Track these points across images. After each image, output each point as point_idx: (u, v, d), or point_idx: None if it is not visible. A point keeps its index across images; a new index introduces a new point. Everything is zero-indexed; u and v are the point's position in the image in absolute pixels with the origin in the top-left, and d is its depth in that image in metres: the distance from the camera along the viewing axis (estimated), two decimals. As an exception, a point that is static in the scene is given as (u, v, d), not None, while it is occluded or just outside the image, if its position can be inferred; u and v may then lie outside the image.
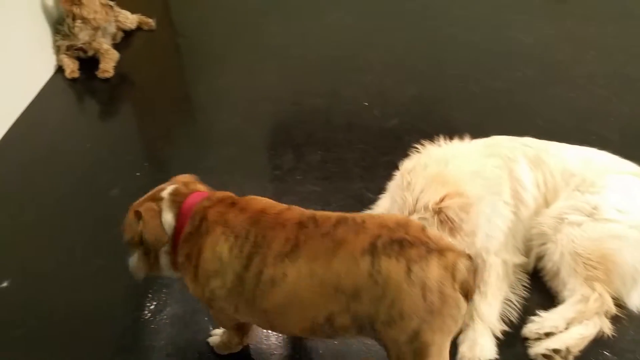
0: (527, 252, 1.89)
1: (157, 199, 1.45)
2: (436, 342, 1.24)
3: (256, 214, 1.37)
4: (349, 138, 2.60)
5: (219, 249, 1.34)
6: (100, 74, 3.14)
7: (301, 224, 1.32)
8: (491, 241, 1.81)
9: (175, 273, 1.50)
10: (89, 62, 3.25)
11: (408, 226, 1.26)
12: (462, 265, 1.23)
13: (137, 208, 1.43)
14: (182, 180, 1.54)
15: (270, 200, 1.47)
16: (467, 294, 1.25)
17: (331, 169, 2.43)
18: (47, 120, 2.87)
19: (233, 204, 1.42)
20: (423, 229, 1.28)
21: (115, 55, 3.27)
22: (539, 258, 1.86)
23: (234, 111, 2.86)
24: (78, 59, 3.24)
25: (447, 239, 1.37)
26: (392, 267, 1.20)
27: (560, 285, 1.78)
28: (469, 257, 1.26)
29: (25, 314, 1.87)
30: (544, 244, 1.83)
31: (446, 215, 1.62)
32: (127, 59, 3.35)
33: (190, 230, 1.39)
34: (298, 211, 1.39)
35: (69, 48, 3.22)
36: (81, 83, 3.16)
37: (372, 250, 1.22)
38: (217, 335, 1.71)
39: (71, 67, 3.17)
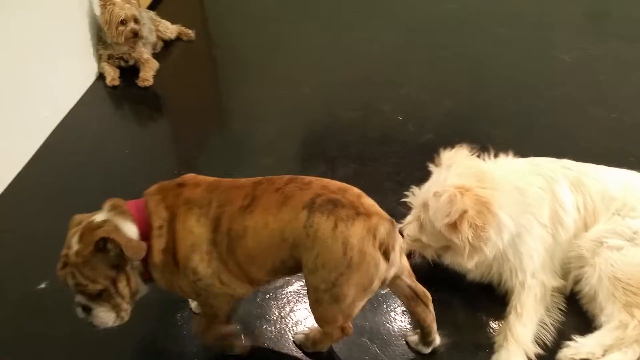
0: (564, 275, 1.85)
1: (98, 225, 1.41)
2: (351, 295, 1.40)
3: (211, 184, 1.49)
4: (383, 152, 2.60)
5: (189, 223, 1.41)
6: (140, 83, 3.21)
7: (257, 182, 1.46)
8: (529, 262, 1.78)
9: (146, 284, 1.50)
10: (129, 71, 3.33)
11: (346, 191, 1.42)
12: (383, 228, 1.37)
13: (93, 238, 1.36)
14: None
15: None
16: (386, 254, 1.39)
17: (364, 183, 2.39)
18: (87, 126, 2.95)
19: (181, 184, 1.49)
20: (359, 195, 1.44)
21: (155, 64, 3.34)
22: (576, 281, 1.82)
23: (269, 122, 2.89)
24: (119, 67, 3.32)
25: (378, 208, 1.46)
26: (322, 222, 1.34)
27: (598, 310, 1.73)
28: (392, 222, 1.41)
29: (61, 315, 1.90)
30: (582, 267, 1.79)
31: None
32: (166, 68, 3.42)
33: (160, 224, 1.43)
34: (248, 178, 1.51)
35: (110, 57, 3.31)
36: (121, 90, 3.23)
37: (311, 205, 1.36)
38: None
39: (112, 75, 3.25)
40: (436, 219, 1.71)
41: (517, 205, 1.74)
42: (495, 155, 1.92)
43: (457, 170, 1.76)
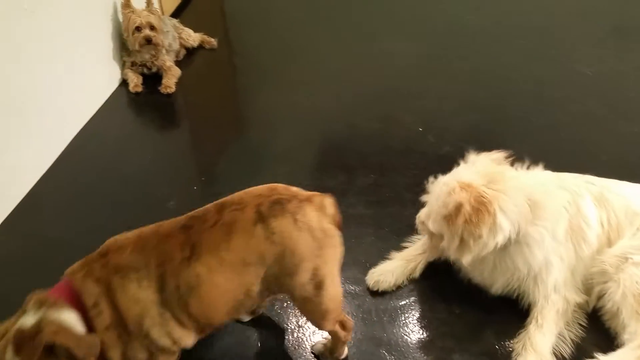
0: (587, 291, 1.83)
1: (35, 330, 1.21)
2: (330, 271, 1.46)
3: (137, 243, 1.38)
4: (403, 162, 2.59)
5: (131, 291, 1.32)
6: (163, 90, 3.24)
7: (186, 227, 1.39)
8: (547, 275, 1.77)
9: None
10: (152, 78, 3.37)
11: (276, 188, 1.44)
12: (328, 203, 1.45)
13: (35, 348, 1.18)
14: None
15: (129, 233, 1.44)
16: (338, 225, 1.47)
17: (384, 193, 2.42)
18: (110, 131, 2.98)
19: (104, 253, 1.38)
20: (287, 187, 1.47)
21: (177, 71, 3.38)
22: (599, 297, 1.80)
23: (288, 130, 2.90)
24: (142, 74, 3.37)
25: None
26: (281, 224, 1.36)
27: (620, 327, 1.71)
28: (330, 195, 1.48)
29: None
30: (605, 282, 1.76)
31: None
32: (188, 75, 3.46)
33: (94, 301, 1.30)
34: (169, 222, 1.43)
35: (133, 64, 3.35)
36: (143, 97, 3.27)
37: (260, 217, 1.36)
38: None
39: (135, 82, 3.30)
40: (436, 207, 1.73)
41: (523, 214, 1.70)
42: (528, 167, 1.90)
43: (474, 168, 1.76)
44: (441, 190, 1.73)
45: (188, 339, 1.43)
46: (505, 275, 1.81)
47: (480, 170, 1.74)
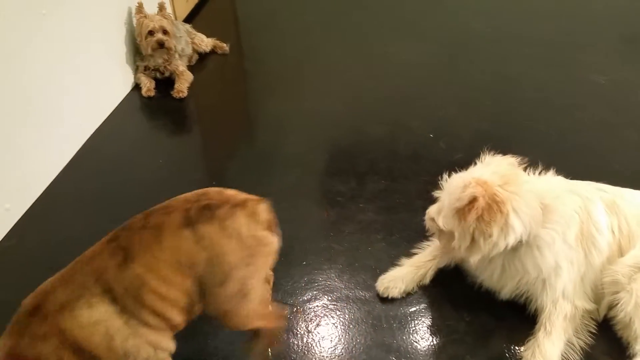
0: (597, 300, 1.82)
1: None
2: (258, 281, 1.45)
3: (62, 278, 1.32)
4: (414, 169, 2.59)
5: (84, 317, 1.25)
6: (175, 94, 3.27)
7: (112, 239, 1.37)
8: (557, 279, 1.76)
9: None
10: (164, 82, 3.40)
11: (208, 193, 1.43)
12: (261, 208, 1.44)
13: None
14: None
15: (49, 279, 1.36)
16: (272, 229, 1.47)
17: (394, 199, 2.42)
18: (122, 135, 3.01)
19: (37, 306, 1.27)
20: (220, 191, 1.45)
21: (190, 76, 3.41)
22: (611, 307, 1.79)
23: (298, 135, 2.91)
24: (155, 78, 3.39)
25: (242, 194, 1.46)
26: (209, 230, 1.34)
27: (632, 338, 1.70)
28: (263, 199, 1.47)
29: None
30: (616, 292, 1.75)
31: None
32: (200, 80, 3.48)
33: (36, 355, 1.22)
34: (92, 247, 1.37)
35: (146, 68, 3.38)
36: (156, 101, 3.30)
37: (189, 222, 1.34)
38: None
39: (147, 86, 3.32)
40: (449, 201, 1.72)
41: (535, 216, 1.70)
42: (540, 173, 1.90)
43: (489, 168, 1.75)
44: (456, 185, 1.71)
45: (166, 340, 1.39)
46: (514, 279, 1.80)
47: (496, 171, 1.72)
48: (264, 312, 1.56)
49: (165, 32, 3.25)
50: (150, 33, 3.22)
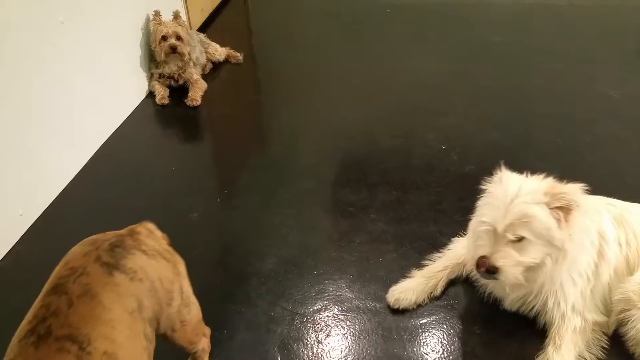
0: (607, 312, 1.81)
1: None
2: (188, 286, 1.47)
3: None
4: (426, 180, 2.59)
5: None
6: (189, 102, 3.30)
7: (43, 335, 1.10)
8: (571, 290, 1.74)
9: None
10: (178, 90, 3.43)
11: (95, 240, 1.32)
12: (152, 227, 1.44)
13: None
14: None
15: None
16: (167, 242, 1.47)
17: (406, 210, 2.42)
18: (135, 142, 3.03)
19: None
20: (104, 234, 1.36)
21: (203, 85, 3.43)
22: (622, 324, 1.77)
23: (311, 145, 2.92)
24: (169, 86, 3.43)
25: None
26: (135, 260, 1.29)
27: (644, 354, 1.69)
28: (147, 222, 1.46)
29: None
30: (628, 310, 1.73)
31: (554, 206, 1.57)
32: (214, 89, 3.51)
33: None
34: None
35: (160, 76, 3.41)
36: (169, 109, 3.33)
37: (110, 267, 1.24)
38: None
39: (161, 94, 3.36)
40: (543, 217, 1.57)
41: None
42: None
43: (530, 181, 1.68)
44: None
45: None
46: (526, 288, 1.79)
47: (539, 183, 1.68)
48: (202, 324, 1.59)
49: (178, 37, 3.29)
50: (164, 38, 3.26)
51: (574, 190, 1.61)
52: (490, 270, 1.60)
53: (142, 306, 1.26)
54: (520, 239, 1.59)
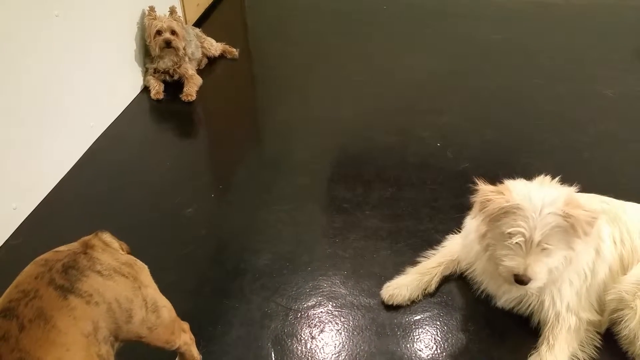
0: (601, 311, 1.81)
1: None
2: (154, 290, 1.43)
3: None
4: (421, 177, 2.59)
5: None
6: (184, 97, 3.29)
7: None
8: (567, 290, 1.75)
9: None
10: (173, 85, 3.42)
11: (47, 260, 1.28)
12: (107, 237, 1.41)
13: None
14: None
15: None
16: (128, 251, 1.47)
17: (400, 207, 2.42)
18: (130, 137, 3.02)
19: None
20: (57, 251, 1.32)
21: (199, 80, 3.43)
22: (615, 323, 1.78)
23: (306, 142, 2.92)
24: (164, 81, 3.42)
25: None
26: (90, 283, 1.25)
27: (637, 352, 1.69)
28: (103, 230, 1.43)
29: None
30: (621, 309, 1.74)
31: (571, 221, 1.56)
32: (209, 84, 3.50)
33: None
34: None
35: (155, 71, 3.40)
36: (164, 104, 3.32)
37: (64, 290, 1.21)
38: None
39: (156, 89, 3.34)
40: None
41: None
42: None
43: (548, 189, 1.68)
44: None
45: None
46: (521, 290, 1.79)
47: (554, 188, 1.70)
48: (177, 319, 1.55)
49: (173, 32, 3.28)
50: (159, 33, 3.25)
51: (593, 203, 1.66)
52: (522, 280, 1.61)
53: (98, 328, 1.24)
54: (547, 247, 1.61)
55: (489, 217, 1.67)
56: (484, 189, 1.72)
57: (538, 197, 1.60)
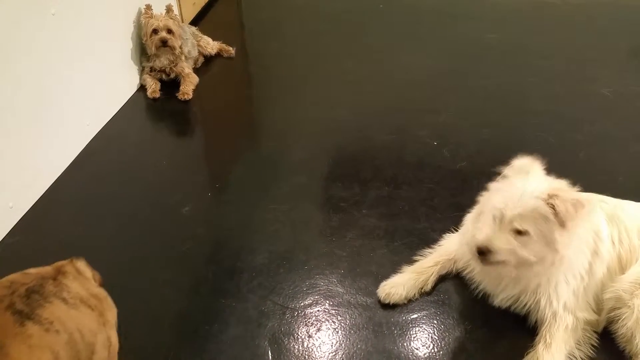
0: (598, 310, 1.82)
1: None
2: (115, 335, 1.36)
3: None
4: (418, 176, 2.59)
5: None
6: (180, 96, 3.28)
7: None
8: (564, 289, 1.75)
9: None
10: (170, 84, 3.41)
11: (13, 281, 1.22)
12: (82, 266, 1.36)
13: None
14: None
15: None
16: (100, 283, 1.42)
17: (397, 206, 2.42)
18: (126, 136, 3.01)
19: None
20: (25, 273, 1.27)
21: (195, 79, 3.42)
22: (612, 322, 1.78)
23: (303, 141, 2.91)
24: (160, 80, 3.40)
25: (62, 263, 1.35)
26: (53, 310, 1.19)
27: (633, 352, 1.69)
28: (78, 258, 1.38)
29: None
30: (618, 308, 1.75)
31: (555, 204, 1.55)
32: (205, 83, 3.49)
33: None
34: None
35: (152, 69, 3.39)
36: (161, 103, 3.31)
37: (23, 316, 1.15)
38: None
39: (153, 87, 3.33)
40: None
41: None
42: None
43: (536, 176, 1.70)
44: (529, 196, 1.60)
45: None
46: (517, 287, 1.80)
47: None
48: None
49: (169, 31, 3.26)
50: (155, 31, 3.24)
51: (587, 198, 1.62)
52: (482, 251, 1.61)
53: (59, 359, 1.17)
54: (523, 233, 1.59)
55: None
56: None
57: (534, 181, 1.62)
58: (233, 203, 2.48)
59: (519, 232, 1.59)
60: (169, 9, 3.31)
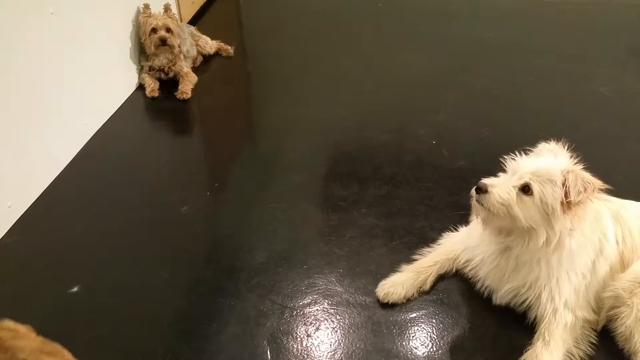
0: (598, 309, 1.82)
1: None
2: None
3: None
4: (416, 175, 2.59)
5: None
6: (179, 95, 3.28)
7: None
8: (565, 286, 1.75)
9: None
10: (168, 83, 3.41)
11: None
12: (12, 324, 1.26)
13: None
14: None
15: None
16: (32, 330, 1.30)
17: (396, 205, 2.42)
18: (125, 135, 3.01)
19: None
20: None
21: (194, 78, 3.42)
22: (611, 320, 1.78)
23: (302, 140, 2.91)
24: (159, 79, 3.40)
25: None
26: None
27: (632, 351, 1.69)
28: (2, 320, 1.26)
29: (91, 319, 1.94)
30: (617, 307, 1.74)
31: (568, 177, 1.60)
32: (204, 82, 3.49)
33: None
34: None
35: (150, 68, 3.39)
36: (159, 102, 3.31)
37: None
38: None
39: (151, 86, 3.33)
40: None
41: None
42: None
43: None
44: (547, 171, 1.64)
45: None
46: (519, 280, 1.80)
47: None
48: None
49: (168, 30, 3.27)
50: (154, 30, 3.24)
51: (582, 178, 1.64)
52: (480, 188, 1.67)
53: None
54: (527, 193, 1.63)
55: None
56: None
57: (559, 158, 1.73)
58: (232, 202, 2.48)
59: (524, 191, 1.62)
60: (167, 8, 3.31)
